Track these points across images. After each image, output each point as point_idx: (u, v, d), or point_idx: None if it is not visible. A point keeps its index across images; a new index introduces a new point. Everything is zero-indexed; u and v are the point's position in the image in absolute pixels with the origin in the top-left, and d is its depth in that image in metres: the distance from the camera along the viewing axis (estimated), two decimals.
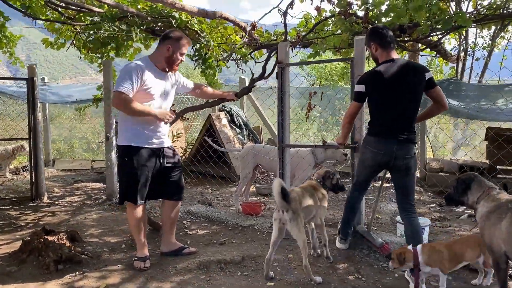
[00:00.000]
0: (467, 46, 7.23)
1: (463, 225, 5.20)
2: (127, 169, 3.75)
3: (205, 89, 4.45)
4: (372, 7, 4.87)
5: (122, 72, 3.59)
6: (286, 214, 3.44)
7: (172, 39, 3.73)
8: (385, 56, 3.51)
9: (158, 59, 3.76)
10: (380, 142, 3.53)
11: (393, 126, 3.48)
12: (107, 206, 6.04)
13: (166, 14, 5.59)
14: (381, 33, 3.53)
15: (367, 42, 3.65)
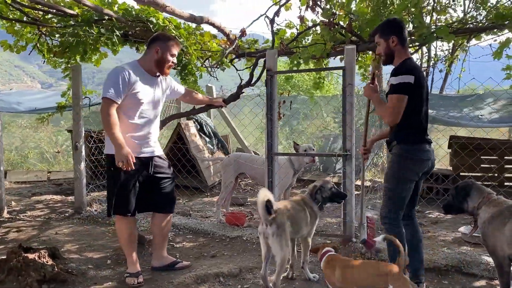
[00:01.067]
0: (429, 58, 7.58)
1: (439, 229, 5.38)
2: (114, 180, 3.55)
3: (195, 95, 4.32)
4: (355, 18, 4.94)
5: (110, 76, 3.43)
6: (269, 228, 3.22)
7: (160, 40, 3.59)
8: (404, 53, 3.21)
9: (147, 63, 3.61)
10: (426, 148, 3.20)
11: (426, 127, 3.26)
12: (77, 220, 5.67)
13: (144, 18, 5.38)
14: (404, 28, 3.24)
15: (387, 33, 3.20)
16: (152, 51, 3.59)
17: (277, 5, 4.96)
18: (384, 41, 3.22)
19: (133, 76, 3.47)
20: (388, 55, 3.24)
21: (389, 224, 3.24)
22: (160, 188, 3.77)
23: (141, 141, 3.59)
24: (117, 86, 3.36)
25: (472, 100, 6.84)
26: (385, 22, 3.34)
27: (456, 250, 4.24)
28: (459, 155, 6.83)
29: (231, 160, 5.61)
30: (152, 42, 3.63)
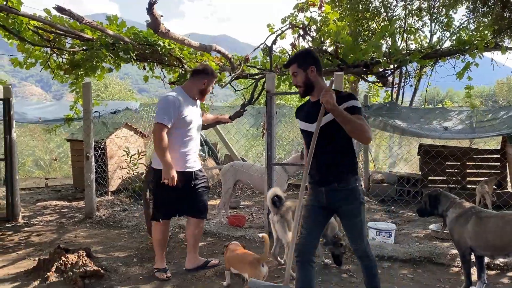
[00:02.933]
0: (401, 75, 8.47)
1: (412, 227, 6.21)
2: (161, 191, 4.10)
3: (207, 116, 4.97)
4: (340, 45, 5.71)
5: (162, 104, 3.96)
6: (275, 217, 4.31)
7: (208, 74, 4.16)
8: (323, 82, 3.21)
9: (192, 90, 4.17)
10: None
11: None
12: (89, 224, 6.22)
13: (152, 42, 5.99)
14: (318, 58, 3.24)
15: (305, 64, 3.10)
16: (199, 81, 4.16)
17: (274, 34, 5.68)
18: (303, 71, 3.10)
19: (182, 102, 4.02)
20: (307, 85, 3.12)
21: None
22: (197, 197, 4.28)
23: (186, 158, 4.10)
24: (169, 113, 3.90)
25: (439, 113, 7.75)
26: (303, 53, 3.27)
27: (428, 244, 5.06)
28: (427, 161, 7.75)
29: (230, 168, 6.29)
30: (200, 74, 4.19)
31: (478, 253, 3.81)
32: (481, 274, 3.84)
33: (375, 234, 5.19)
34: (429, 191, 4.23)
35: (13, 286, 4.00)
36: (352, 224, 3.13)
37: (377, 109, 7.35)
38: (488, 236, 3.68)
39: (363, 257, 3.24)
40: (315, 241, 3.17)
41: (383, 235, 5.15)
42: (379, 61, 5.69)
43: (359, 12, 8.54)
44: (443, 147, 8.00)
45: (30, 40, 6.28)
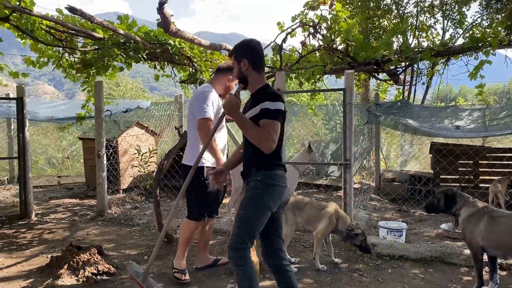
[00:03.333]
0: (413, 73, 8.40)
1: (423, 227, 6.17)
2: (206, 189, 3.97)
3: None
4: (351, 43, 5.68)
5: (203, 99, 3.85)
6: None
7: (232, 71, 3.93)
8: (261, 79, 3.01)
9: (218, 87, 4.12)
10: (284, 174, 3.06)
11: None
12: (101, 221, 6.28)
13: (163, 41, 6.02)
14: (258, 53, 3.01)
15: (239, 56, 2.98)
16: (225, 78, 4.09)
17: (284, 32, 5.67)
18: (237, 63, 2.98)
19: (217, 98, 4.01)
20: (240, 78, 3.00)
21: (236, 258, 2.88)
22: (220, 197, 4.30)
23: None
24: (211, 108, 3.84)
25: (451, 112, 7.68)
26: (239, 44, 3.08)
27: (439, 244, 5.02)
28: (439, 159, 7.69)
29: (240, 167, 6.28)
30: (225, 70, 4.11)
31: (490, 253, 3.77)
32: (493, 275, 3.80)
33: (385, 233, 5.16)
34: (444, 189, 4.19)
35: (27, 283, 4.05)
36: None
37: (388, 107, 7.30)
38: (500, 236, 3.64)
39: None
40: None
41: (394, 234, 5.12)
42: (390, 59, 5.66)
43: (370, 9, 8.49)
44: (455, 146, 7.91)
45: (43, 39, 6.36)
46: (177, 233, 5.45)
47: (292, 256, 4.68)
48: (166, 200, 7.76)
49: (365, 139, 8.77)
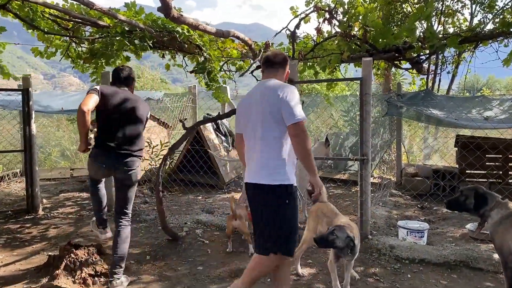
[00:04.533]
0: (437, 61, 7.90)
1: (447, 226, 5.76)
2: (291, 213, 3.06)
3: None
4: (370, 29, 5.28)
5: (295, 96, 2.99)
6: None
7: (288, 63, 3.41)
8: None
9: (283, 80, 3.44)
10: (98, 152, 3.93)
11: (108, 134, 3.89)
12: (108, 217, 6.06)
13: (170, 28, 5.74)
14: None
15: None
16: (284, 71, 3.30)
17: (297, 17, 5.31)
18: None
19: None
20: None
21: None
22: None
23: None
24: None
25: (479, 101, 7.19)
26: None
27: (464, 246, 4.62)
28: (465, 154, 7.21)
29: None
30: (285, 64, 3.30)
31: None
32: None
33: (405, 234, 4.78)
34: (473, 187, 3.80)
35: (22, 284, 3.87)
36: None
37: (410, 98, 6.87)
38: None
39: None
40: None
41: (414, 235, 4.75)
42: (413, 46, 5.24)
43: None
44: (483, 139, 7.41)
45: (49, 29, 6.16)
46: (183, 230, 5.21)
47: (304, 257, 4.36)
48: (178, 195, 7.53)
49: (386, 132, 8.33)
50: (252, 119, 3.08)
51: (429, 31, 5.24)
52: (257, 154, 3.03)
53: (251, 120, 3.09)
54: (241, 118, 3.23)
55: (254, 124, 3.06)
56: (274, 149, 3.00)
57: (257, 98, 3.08)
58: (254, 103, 3.09)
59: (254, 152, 3.07)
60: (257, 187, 3.02)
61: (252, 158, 3.09)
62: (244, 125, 3.19)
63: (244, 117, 3.19)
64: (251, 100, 3.15)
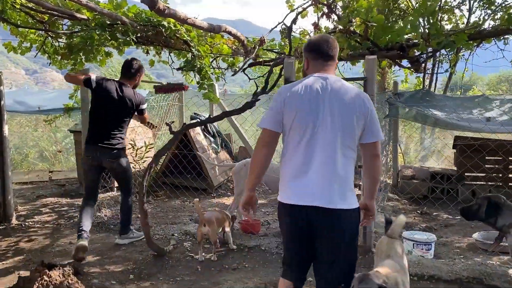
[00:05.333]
0: (435, 60, 7.58)
1: (450, 234, 5.44)
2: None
3: None
4: (371, 25, 4.91)
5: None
6: None
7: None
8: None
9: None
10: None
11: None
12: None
13: (155, 22, 5.28)
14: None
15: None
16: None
17: (293, 12, 4.91)
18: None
19: None
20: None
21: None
22: None
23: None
24: None
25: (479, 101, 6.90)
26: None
27: (476, 260, 4.29)
28: (464, 154, 6.90)
29: (244, 167, 5.57)
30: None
31: None
32: None
33: (411, 246, 4.43)
34: (489, 195, 3.52)
35: None
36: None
37: (409, 97, 6.54)
38: None
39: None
40: None
41: (421, 248, 4.40)
42: (417, 43, 4.89)
43: None
44: (482, 140, 7.12)
45: (23, 22, 5.66)
46: (170, 243, 4.78)
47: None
48: (163, 200, 7.08)
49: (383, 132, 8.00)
50: (320, 121, 2.43)
51: (435, 28, 4.88)
52: (329, 167, 2.43)
53: (318, 121, 2.43)
54: (291, 113, 2.48)
55: (324, 128, 2.43)
56: (351, 164, 2.52)
57: (327, 96, 2.46)
58: (322, 101, 2.45)
59: (316, 162, 2.43)
60: (329, 213, 2.42)
61: (313, 170, 2.43)
62: (298, 124, 2.47)
63: (300, 113, 2.46)
64: (310, 95, 2.46)
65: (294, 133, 2.50)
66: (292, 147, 2.51)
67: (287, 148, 2.55)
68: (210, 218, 4.28)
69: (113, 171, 4.85)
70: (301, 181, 2.47)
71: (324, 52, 2.61)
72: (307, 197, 2.44)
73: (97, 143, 4.56)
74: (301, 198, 2.46)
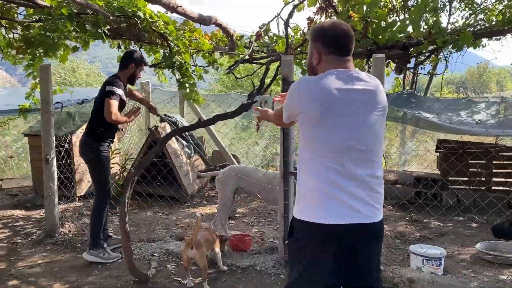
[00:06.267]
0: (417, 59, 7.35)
1: (448, 244, 5.15)
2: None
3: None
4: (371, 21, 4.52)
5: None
6: None
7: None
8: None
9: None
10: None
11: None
12: (50, 245, 4.89)
13: (129, 12, 4.65)
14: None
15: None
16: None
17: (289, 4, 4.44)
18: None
19: None
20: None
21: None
22: None
23: None
24: None
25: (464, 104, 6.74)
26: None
27: (486, 274, 4.01)
28: (448, 159, 6.71)
29: (229, 174, 5.04)
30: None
31: None
32: None
33: (421, 262, 4.06)
34: None
35: None
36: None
37: (395, 99, 6.26)
38: None
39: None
40: None
41: (432, 264, 4.04)
42: (420, 42, 4.57)
43: None
44: (466, 144, 6.96)
45: None
46: (151, 266, 4.17)
47: None
48: (133, 211, 6.38)
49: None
50: (360, 123, 2.07)
51: (437, 25, 4.58)
52: (369, 175, 2.10)
53: (359, 124, 2.07)
54: (326, 111, 2.03)
55: (365, 132, 2.08)
56: (381, 170, 2.19)
57: (363, 96, 2.08)
58: (359, 100, 2.07)
59: (355, 170, 2.05)
60: (373, 228, 2.10)
61: (355, 181, 2.05)
62: (340, 125, 2.04)
63: (339, 113, 2.04)
64: (347, 95, 2.05)
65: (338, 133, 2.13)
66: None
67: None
68: (198, 240, 3.70)
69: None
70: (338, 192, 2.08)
71: (346, 46, 2.18)
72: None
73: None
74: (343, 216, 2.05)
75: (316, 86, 2.06)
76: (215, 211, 6.42)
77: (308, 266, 2.11)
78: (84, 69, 33.66)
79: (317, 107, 2.02)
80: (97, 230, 4.39)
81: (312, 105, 2.04)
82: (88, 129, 4.44)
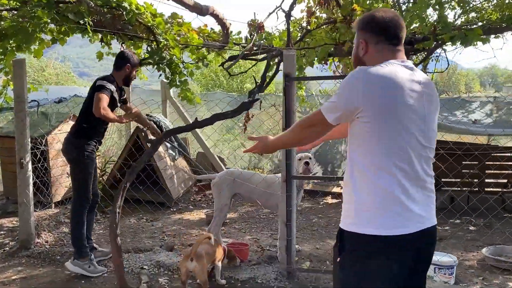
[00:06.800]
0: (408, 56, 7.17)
1: (450, 249, 4.96)
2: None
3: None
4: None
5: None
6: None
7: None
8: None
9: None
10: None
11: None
12: (26, 258, 4.44)
13: (113, 2, 4.26)
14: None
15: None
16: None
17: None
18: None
19: None
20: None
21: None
22: None
23: None
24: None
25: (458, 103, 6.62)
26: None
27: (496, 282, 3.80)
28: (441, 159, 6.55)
29: (226, 178, 4.68)
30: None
31: None
32: None
33: (433, 271, 3.82)
34: None
35: None
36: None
37: None
38: None
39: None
40: None
41: (444, 273, 3.81)
42: (427, 37, 4.35)
43: None
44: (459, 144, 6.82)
45: None
46: (142, 281, 3.78)
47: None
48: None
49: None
50: (425, 118, 1.84)
51: (444, 20, 4.36)
52: (428, 174, 1.88)
53: (424, 118, 1.83)
54: (386, 109, 1.76)
55: (429, 127, 1.87)
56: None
57: (426, 89, 1.86)
58: (426, 93, 1.85)
59: (419, 172, 1.83)
60: (434, 232, 1.93)
61: (418, 181, 1.83)
62: (403, 125, 1.77)
63: (408, 106, 1.78)
64: (415, 87, 1.81)
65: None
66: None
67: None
68: (199, 252, 3.35)
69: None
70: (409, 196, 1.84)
71: (395, 33, 1.94)
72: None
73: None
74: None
75: (382, 77, 1.78)
76: (202, 216, 6.08)
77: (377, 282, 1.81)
78: (54, 68, 32.60)
79: (385, 99, 1.76)
80: (79, 236, 3.98)
81: (379, 98, 1.76)
82: (75, 127, 4.17)
